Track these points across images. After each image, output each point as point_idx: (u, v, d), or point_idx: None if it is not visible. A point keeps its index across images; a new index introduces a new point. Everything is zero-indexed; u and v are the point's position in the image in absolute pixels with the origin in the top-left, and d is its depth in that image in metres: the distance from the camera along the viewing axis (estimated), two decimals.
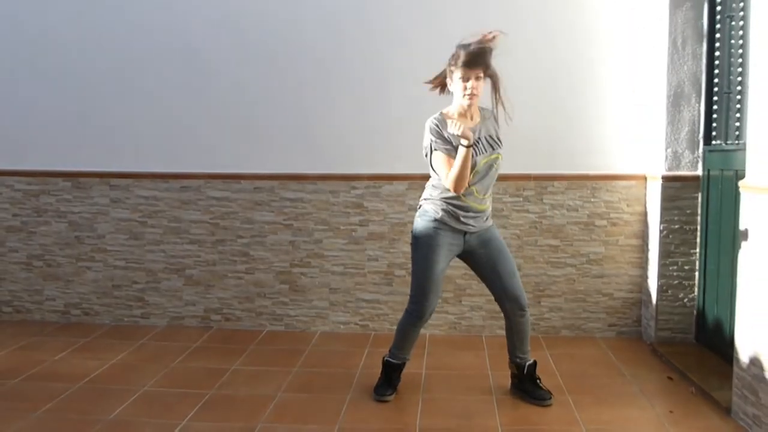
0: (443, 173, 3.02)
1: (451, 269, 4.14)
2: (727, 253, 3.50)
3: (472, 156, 2.99)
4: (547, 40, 4.09)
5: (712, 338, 3.72)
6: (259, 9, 4.25)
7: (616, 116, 4.11)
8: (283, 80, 4.27)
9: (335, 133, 4.25)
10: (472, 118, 3.10)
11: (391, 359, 3.32)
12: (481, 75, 3.00)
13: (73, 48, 4.39)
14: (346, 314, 4.33)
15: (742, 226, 2.93)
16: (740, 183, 2.95)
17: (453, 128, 2.94)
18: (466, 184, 3.00)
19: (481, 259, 3.17)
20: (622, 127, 4.11)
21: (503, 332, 4.08)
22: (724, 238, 3.56)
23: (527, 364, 3.23)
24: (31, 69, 4.43)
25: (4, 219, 4.52)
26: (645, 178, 4.08)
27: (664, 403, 3.18)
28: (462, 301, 4.21)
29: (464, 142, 2.93)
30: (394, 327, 4.21)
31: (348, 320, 4.33)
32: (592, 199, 4.12)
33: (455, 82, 3.03)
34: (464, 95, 3.00)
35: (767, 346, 2.70)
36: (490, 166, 3.08)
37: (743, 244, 2.91)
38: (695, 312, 3.90)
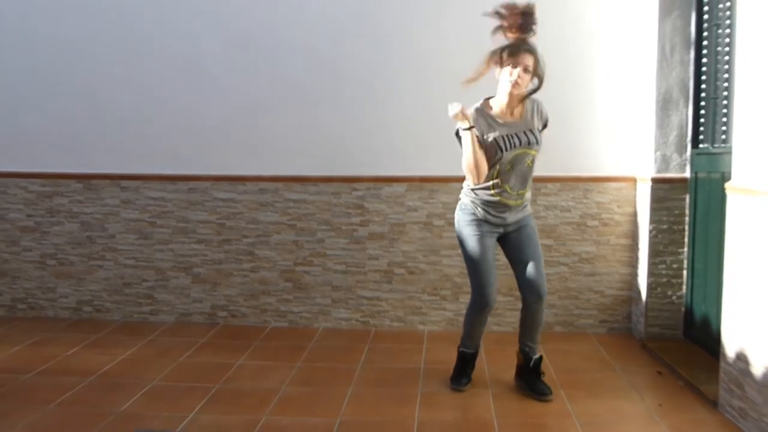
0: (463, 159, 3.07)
1: (447, 267, 4.26)
2: (714, 252, 3.52)
3: (500, 149, 3.00)
4: (540, 47, 4.10)
5: (700, 334, 3.74)
6: (262, 15, 4.30)
7: (607, 121, 4.15)
8: (287, 86, 4.31)
9: (337, 136, 4.30)
10: (512, 114, 3.09)
11: (464, 349, 3.38)
12: (530, 67, 2.97)
13: (85, 54, 4.44)
14: (347, 311, 4.39)
15: (728, 227, 2.96)
16: (726, 185, 2.98)
17: (451, 110, 2.96)
18: (485, 171, 3.01)
19: (512, 242, 3.19)
20: (613, 131, 4.16)
21: (500, 328, 4.21)
22: (711, 237, 3.59)
23: (534, 357, 3.24)
24: (43, 74, 4.48)
25: (19, 219, 4.57)
26: (635, 180, 4.12)
27: (654, 396, 3.23)
28: (459, 299, 4.26)
29: (462, 125, 2.96)
30: (394, 323, 4.34)
31: (349, 317, 4.39)
32: (584, 200, 4.17)
33: (504, 68, 3.00)
34: (509, 80, 2.97)
35: (752, 342, 2.74)
36: (522, 162, 3.07)
37: (729, 243, 2.94)
38: (683, 309, 3.93)
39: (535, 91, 3.09)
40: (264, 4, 4.32)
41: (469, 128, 2.98)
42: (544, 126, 3.20)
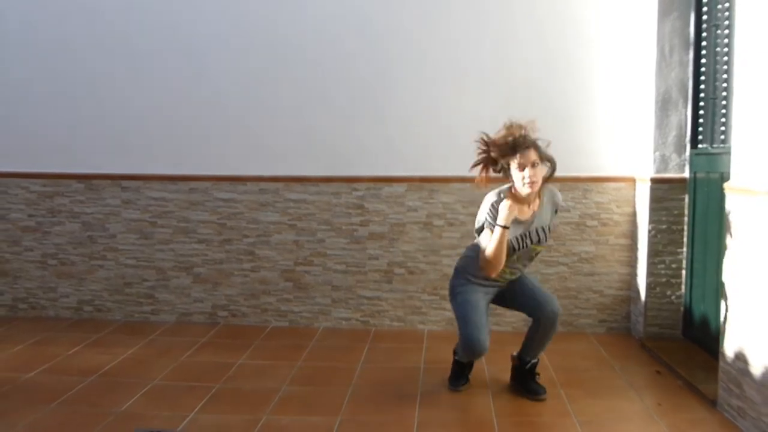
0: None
1: (447, 267, 4.25)
2: (712, 251, 3.53)
3: (513, 249, 3.03)
4: (540, 48, 4.14)
5: (699, 334, 3.75)
6: (262, 15, 4.31)
7: (606, 121, 4.16)
8: (287, 86, 4.32)
9: (337, 136, 4.31)
10: (529, 206, 3.08)
11: (460, 360, 3.38)
12: (538, 161, 2.95)
13: (87, 54, 4.45)
14: (347, 311, 4.40)
15: (727, 227, 2.96)
16: (725, 185, 2.99)
17: (502, 213, 2.96)
18: (500, 268, 3.02)
19: (509, 290, 3.25)
20: (613, 131, 4.16)
21: (499, 328, 4.23)
22: (709, 237, 3.59)
23: (532, 362, 3.27)
24: (45, 74, 4.49)
25: (20, 219, 4.58)
26: (634, 181, 4.13)
27: (653, 395, 3.23)
28: None
29: (501, 222, 2.95)
30: (394, 323, 4.36)
31: (349, 316, 4.41)
32: (584, 201, 4.18)
33: (512, 171, 2.99)
34: (524, 184, 2.96)
35: (751, 341, 2.74)
36: (528, 254, 3.14)
37: (728, 243, 2.95)
38: (682, 308, 3.94)
39: (551, 174, 3.08)
40: (264, 4, 4.32)
41: (505, 227, 2.97)
42: (556, 211, 3.23)
